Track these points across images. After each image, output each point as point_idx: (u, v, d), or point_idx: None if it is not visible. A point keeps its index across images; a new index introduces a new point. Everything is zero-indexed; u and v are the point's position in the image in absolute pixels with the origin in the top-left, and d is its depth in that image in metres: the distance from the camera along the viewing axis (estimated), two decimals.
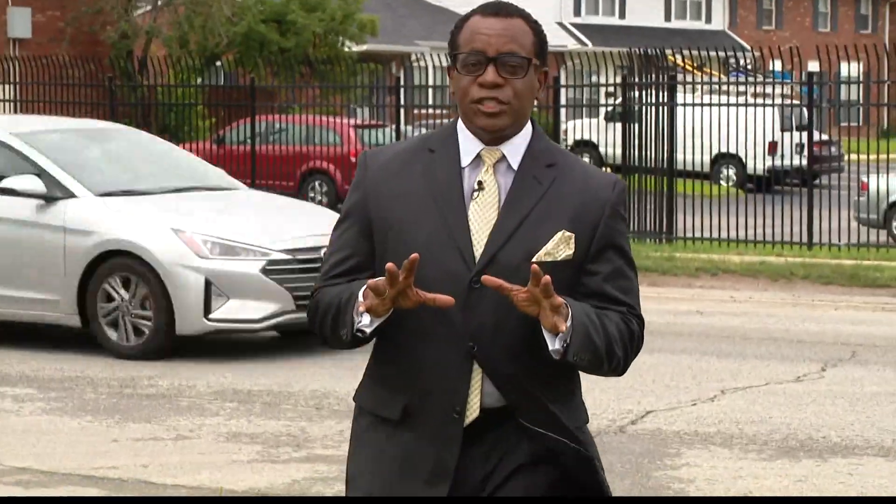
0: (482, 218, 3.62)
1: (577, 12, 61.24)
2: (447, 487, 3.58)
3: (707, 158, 29.90)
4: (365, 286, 3.55)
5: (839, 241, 25.21)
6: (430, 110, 33.92)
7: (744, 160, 32.39)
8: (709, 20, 66.56)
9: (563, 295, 3.54)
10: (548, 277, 3.42)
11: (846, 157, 31.75)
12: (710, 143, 27.52)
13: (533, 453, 3.69)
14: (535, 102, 3.86)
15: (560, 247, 3.62)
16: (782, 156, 33.04)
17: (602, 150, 35.29)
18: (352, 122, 33.62)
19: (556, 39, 58.21)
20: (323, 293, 3.75)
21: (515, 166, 3.68)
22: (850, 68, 33.29)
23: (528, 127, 3.74)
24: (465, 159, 3.68)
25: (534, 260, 3.55)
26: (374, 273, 3.67)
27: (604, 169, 24.57)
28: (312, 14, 43.71)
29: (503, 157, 3.68)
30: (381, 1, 49.82)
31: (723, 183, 32.41)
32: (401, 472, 3.62)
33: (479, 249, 3.61)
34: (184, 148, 33.51)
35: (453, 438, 3.58)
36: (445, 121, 29.87)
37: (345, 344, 3.69)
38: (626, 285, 3.77)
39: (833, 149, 33.11)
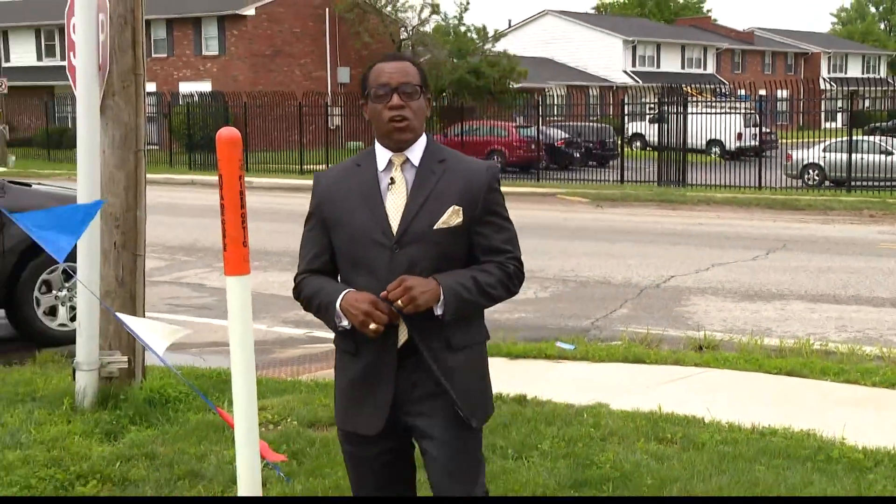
0: (396, 204, 3.03)
1: (633, 64, 60.05)
2: (392, 389, 3.02)
3: (704, 142, 29.49)
4: (356, 300, 2.93)
5: (776, 185, 24.91)
6: (554, 118, 33.56)
7: (724, 143, 31.76)
8: (705, 68, 65.08)
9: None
10: (397, 291, 2.84)
11: (780, 141, 31.31)
12: (705, 133, 27.44)
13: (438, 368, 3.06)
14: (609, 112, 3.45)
15: (451, 217, 2.97)
16: (745, 140, 32.63)
17: (647, 138, 35.19)
18: (513, 124, 33.41)
19: (623, 79, 57.23)
20: (305, 283, 3.13)
21: (416, 164, 3.07)
22: (782, 93, 32.58)
23: (424, 136, 3.09)
24: (381, 165, 3.07)
25: (434, 227, 2.96)
26: (332, 255, 3.12)
27: (648, 149, 24.15)
28: (493, 68, 43.49)
29: (407, 160, 3.06)
30: (527, 61, 49.29)
31: (712, 155, 31.75)
32: (360, 381, 3.07)
33: (395, 226, 3.01)
34: None
35: (390, 358, 3.01)
36: (571, 123, 29.81)
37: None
38: (506, 237, 3.05)
39: (773, 137, 32.61)
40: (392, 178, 3.05)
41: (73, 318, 8.21)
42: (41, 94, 45.96)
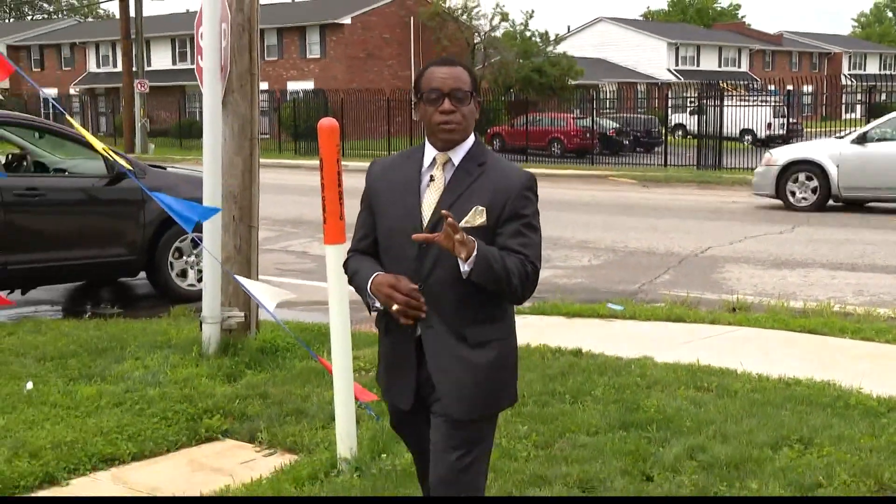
0: (430, 200, 2.72)
1: (676, 64, 58.87)
2: (413, 373, 2.78)
3: (738, 131, 28.84)
4: (380, 283, 2.69)
5: None
6: (607, 110, 33.06)
7: (755, 131, 30.98)
8: (739, 66, 63.51)
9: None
10: (453, 219, 2.52)
11: (804, 130, 30.51)
12: (739, 123, 26.87)
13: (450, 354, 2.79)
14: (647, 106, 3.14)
15: (475, 217, 2.63)
16: (774, 129, 31.96)
17: (688, 128, 34.55)
18: (571, 115, 33.02)
19: (667, 77, 56.07)
20: (351, 261, 2.88)
21: (456, 164, 2.72)
22: (808, 88, 31.75)
23: (472, 137, 2.77)
24: (426, 162, 2.75)
25: (459, 226, 2.55)
26: (376, 237, 2.84)
27: (688, 137, 23.55)
28: (554, 67, 42.97)
29: (449, 159, 2.72)
30: (583, 61, 48.55)
31: (745, 142, 31.01)
32: (389, 361, 2.86)
33: (426, 220, 2.69)
34: (493, 129, 33.65)
35: (411, 342, 2.75)
36: (622, 115, 29.65)
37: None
38: (525, 241, 2.67)
39: (798, 126, 31.77)
40: (432, 176, 2.77)
41: (199, 280, 8.32)
42: (175, 92, 46.96)
